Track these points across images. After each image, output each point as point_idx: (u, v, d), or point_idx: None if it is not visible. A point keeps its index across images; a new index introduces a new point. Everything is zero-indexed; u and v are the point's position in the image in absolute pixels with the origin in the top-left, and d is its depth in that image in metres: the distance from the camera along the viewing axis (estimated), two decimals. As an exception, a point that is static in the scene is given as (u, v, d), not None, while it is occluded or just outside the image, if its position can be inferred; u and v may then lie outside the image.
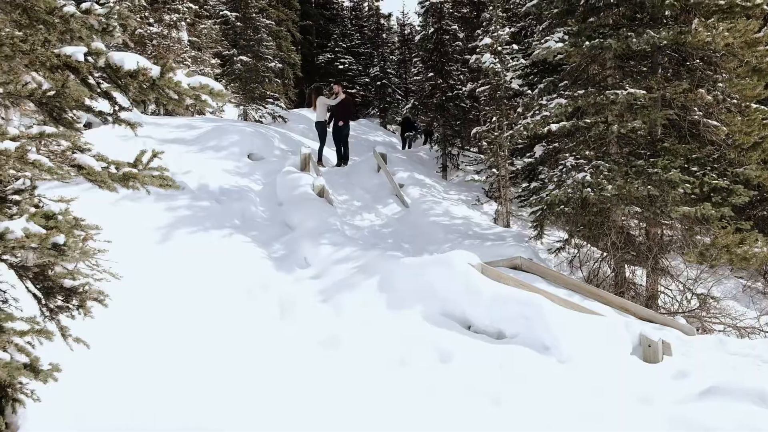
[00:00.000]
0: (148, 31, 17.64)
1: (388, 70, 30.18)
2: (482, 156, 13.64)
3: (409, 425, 4.74)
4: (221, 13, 22.94)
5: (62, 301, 2.95)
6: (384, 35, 33.86)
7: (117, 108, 3.02)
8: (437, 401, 5.23)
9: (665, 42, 8.82)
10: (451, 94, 16.38)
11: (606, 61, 9.60)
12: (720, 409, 4.01)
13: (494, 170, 12.06)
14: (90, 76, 2.98)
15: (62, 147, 2.76)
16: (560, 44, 8.61)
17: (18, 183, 3.11)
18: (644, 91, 8.54)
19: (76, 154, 2.75)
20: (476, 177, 12.29)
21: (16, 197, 2.62)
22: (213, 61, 20.28)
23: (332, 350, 6.58)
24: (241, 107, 22.48)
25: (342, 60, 30.29)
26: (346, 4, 35.52)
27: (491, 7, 11.99)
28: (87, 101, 3.17)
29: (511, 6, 15.40)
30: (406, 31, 33.35)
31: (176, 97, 2.95)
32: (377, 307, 7.58)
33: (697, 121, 9.55)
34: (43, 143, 2.76)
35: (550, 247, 11.02)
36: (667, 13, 9.01)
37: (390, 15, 36.55)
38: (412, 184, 12.88)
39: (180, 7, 18.71)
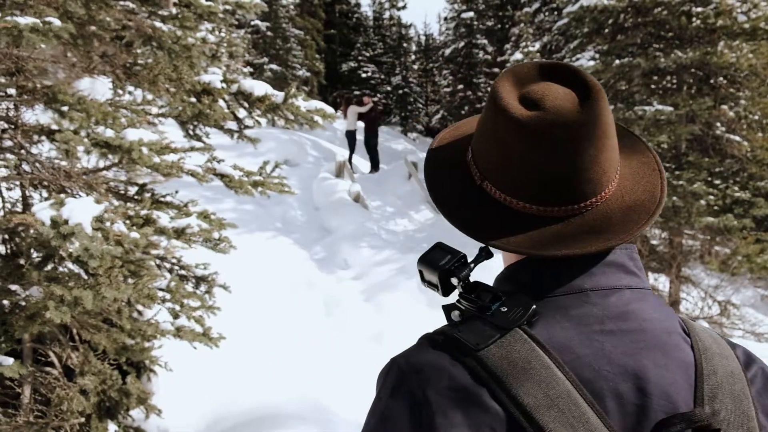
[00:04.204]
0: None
1: (410, 79, 30.74)
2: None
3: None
4: (252, 23, 23.63)
5: (192, 287, 3.52)
6: (405, 44, 34.40)
7: (242, 126, 3.60)
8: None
9: (690, 61, 9.32)
10: (479, 105, 16.94)
11: (633, 77, 10.11)
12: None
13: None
14: (222, 99, 3.57)
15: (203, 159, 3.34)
16: (592, 62, 9.14)
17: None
18: (671, 108, 9.05)
19: (215, 164, 3.33)
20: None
21: (176, 201, 3.21)
22: (245, 70, 20.90)
23: (378, 345, 7.13)
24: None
25: (365, 68, 30.87)
26: (368, 14, 36.11)
27: (521, 24, 12.54)
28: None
29: (537, 22, 15.92)
30: (426, 41, 33.93)
31: (292, 118, 3.53)
32: (418, 306, 8.10)
33: (719, 137, 10.03)
34: (188, 155, 3.33)
35: (577, 253, 11.52)
36: (692, 33, 9.51)
37: (411, 24, 37.13)
38: (442, 192, 13.40)
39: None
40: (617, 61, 9.23)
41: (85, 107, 2.55)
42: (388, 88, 31.11)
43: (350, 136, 15.31)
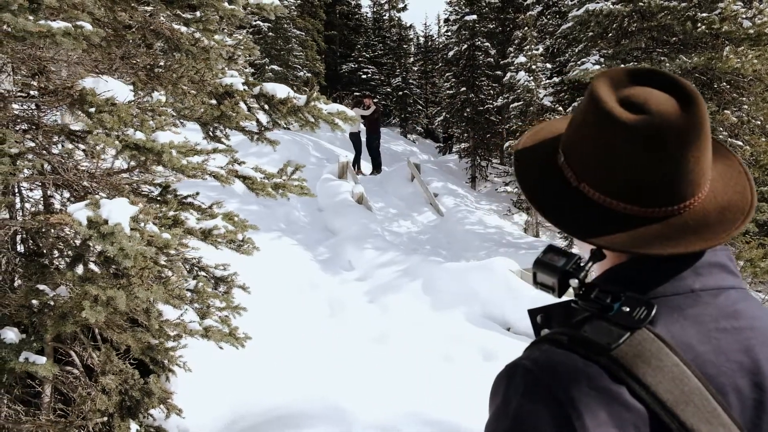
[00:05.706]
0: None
1: (410, 81, 30.78)
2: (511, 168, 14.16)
3: (457, 413, 5.19)
4: (254, 23, 23.62)
5: (212, 288, 3.55)
6: (405, 46, 34.43)
7: (262, 128, 3.63)
8: (483, 394, 5.75)
9: (694, 66, 9.39)
10: (481, 108, 16.99)
11: (637, 82, 10.16)
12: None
13: (524, 182, 12.58)
14: (243, 102, 3.60)
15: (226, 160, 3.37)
16: (597, 66, 9.20)
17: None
18: (675, 113, 9.10)
19: (236, 166, 3.36)
20: (508, 188, 12.87)
21: (199, 203, 3.24)
22: (246, 70, 20.82)
23: (383, 346, 7.13)
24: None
25: (365, 70, 30.90)
26: (369, 15, 36.11)
27: (525, 27, 12.60)
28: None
29: (539, 25, 15.98)
30: (427, 42, 34.01)
31: (312, 120, 3.55)
32: (422, 308, 8.13)
33: (722, 141, 10.08)
34: (211, 157, 3.36)
35: (580, 256, 11.56)
36: (697, 38, 9.57)
37: (411, 26, 37.17)
38: (445, 194, 13.46)
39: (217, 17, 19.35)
40: (622, 66, 9.30)
41: (116, 110, 2.58)
42: (388, 90, 31.14)
43: (354, 138, 15.26)
